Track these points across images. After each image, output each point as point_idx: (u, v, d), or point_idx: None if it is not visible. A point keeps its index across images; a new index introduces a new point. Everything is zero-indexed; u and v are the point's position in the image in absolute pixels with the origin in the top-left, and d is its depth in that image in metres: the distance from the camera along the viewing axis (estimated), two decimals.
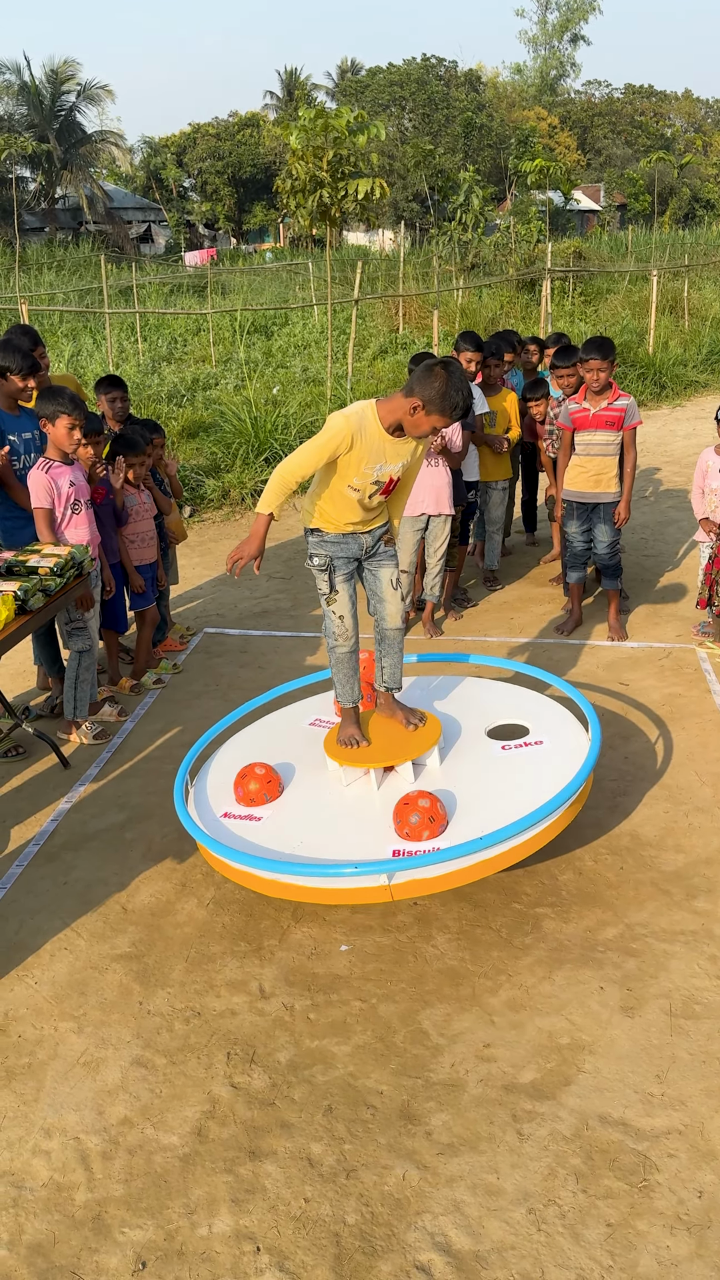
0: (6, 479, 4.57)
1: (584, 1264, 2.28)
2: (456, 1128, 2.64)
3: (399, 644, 3.80)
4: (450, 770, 3.72)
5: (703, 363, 14.90)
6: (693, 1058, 2.83)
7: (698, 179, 52.48)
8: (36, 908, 3.62)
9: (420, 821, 3.28)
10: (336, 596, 3.61)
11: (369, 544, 3.64)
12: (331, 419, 3.34)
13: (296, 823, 3.53)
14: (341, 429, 3.28)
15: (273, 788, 3.68)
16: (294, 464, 3.34)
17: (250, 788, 3.65)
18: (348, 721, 3.79)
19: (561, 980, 3.15)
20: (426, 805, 3.31)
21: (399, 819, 3.33)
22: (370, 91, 49.85)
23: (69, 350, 15.05)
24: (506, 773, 3.64)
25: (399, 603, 3.75)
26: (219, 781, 3.88)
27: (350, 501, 3.45)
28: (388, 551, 3.71)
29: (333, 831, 3.46)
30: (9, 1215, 2.46)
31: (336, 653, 3.71)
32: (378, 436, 3.35)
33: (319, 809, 3.61)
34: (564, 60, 61.15)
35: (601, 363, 5.31)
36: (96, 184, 40.48)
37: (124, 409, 5.53)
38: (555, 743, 3.80)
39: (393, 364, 13.99)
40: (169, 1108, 2.74)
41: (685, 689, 5.14)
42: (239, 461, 9.41)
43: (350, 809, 3.60)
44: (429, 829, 3.28)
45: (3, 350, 4.51)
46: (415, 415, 3.26)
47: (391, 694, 3.86)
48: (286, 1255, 2.33)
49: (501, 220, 28.80)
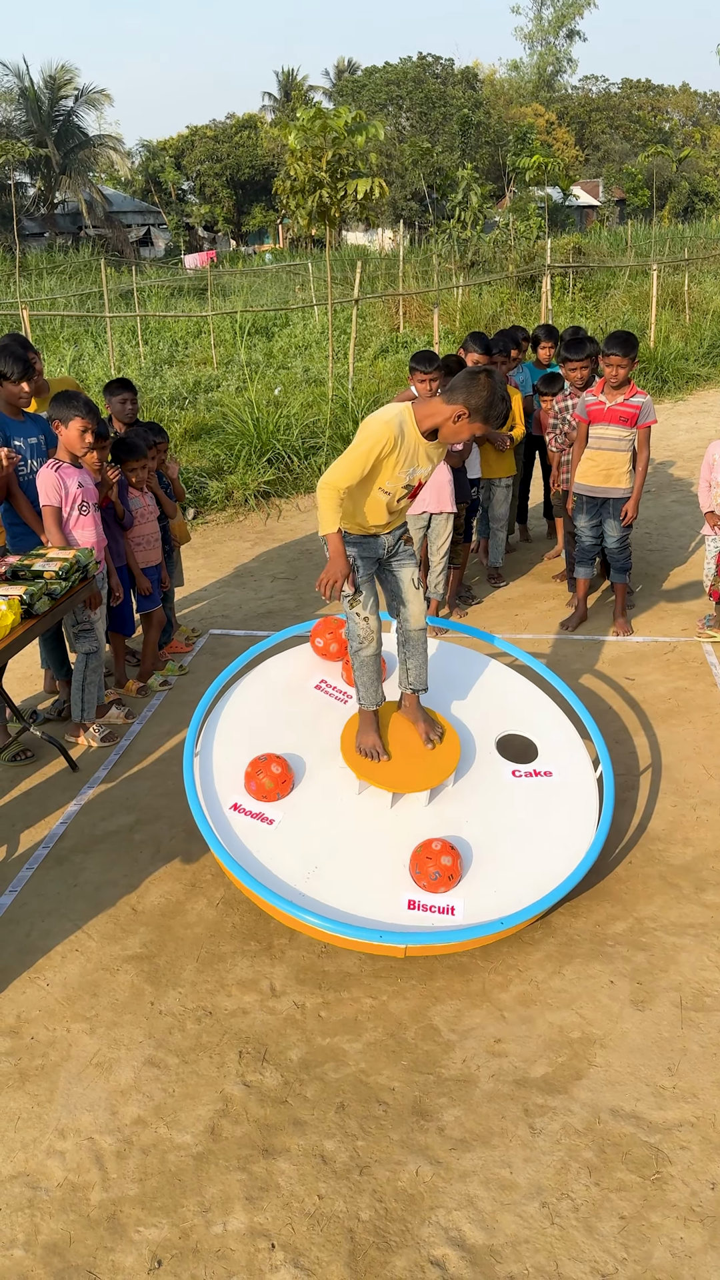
0: (11, 486, 4.58)
1: (598, 1257, 2.28)
2: (469, 1123, 2.65)
3: (423, 644, 3.78)
4: (463, 798, 3.70)
5: (704, 356, 14.88)
6: (704, 1050, 2.83)
7: (696, 173, 52.36)
8: (47, 910, 3.63)
9: (440, 879, 3.29)
10: (360, 598, 3.58)
11: (390, 544, 3.64)
12: (370, 424, 3.32)
13: (308, 836, 3.51)
14: (383, 433, 3.28)
15: (285, 786, 3.66)
16: (338, 474, 3.32)
17: (265, 785, 3.62)
18: (368, 728, 3.73)
19: (571, 975, 3.15)
20: (449, 864, 3.30)
21: (418, 868, 3.32)
22: (367, 91, 49.83)
23: (70, 355, 15.08)
24: (520, 814, 3.64)
25: (421, 603, 3.74)
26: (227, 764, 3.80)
27: (379, 504, 3.46)
28: (408, 551, 3.72)
29: (346, 858, 3.44)
30: (25, 1216, 2.47)
31: (361, 655, 3.66)
32: (414, 440, 3.35)
33: (331, 821, 3.58)
34: (560, 56, 60.99)
35: (623, 359, 5.29)
36: (95, 188, 40.52)
37: (133, 411, 5.55)
38: (564, 776, 3.81)
39: (394, 363, 14.00)
40: (182, 1107, 2.75)
41: (691, 683, 5.13)
42: (242, 463, 9.42)
43: (362, 823, 3.58)
44: (446, 885, 3.30)
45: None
46: (459, 423, 3.25)
47: (416, 699, 3.84)
48: (301, 1252, 2.34)
49: (500, 217, 28.78)
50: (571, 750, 3.94)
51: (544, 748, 3.94)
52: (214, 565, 7.54)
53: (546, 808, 3.66)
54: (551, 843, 3.53)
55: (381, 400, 10.95)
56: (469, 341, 6.03)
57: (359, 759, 3.70)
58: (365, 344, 15.74)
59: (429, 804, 3.65)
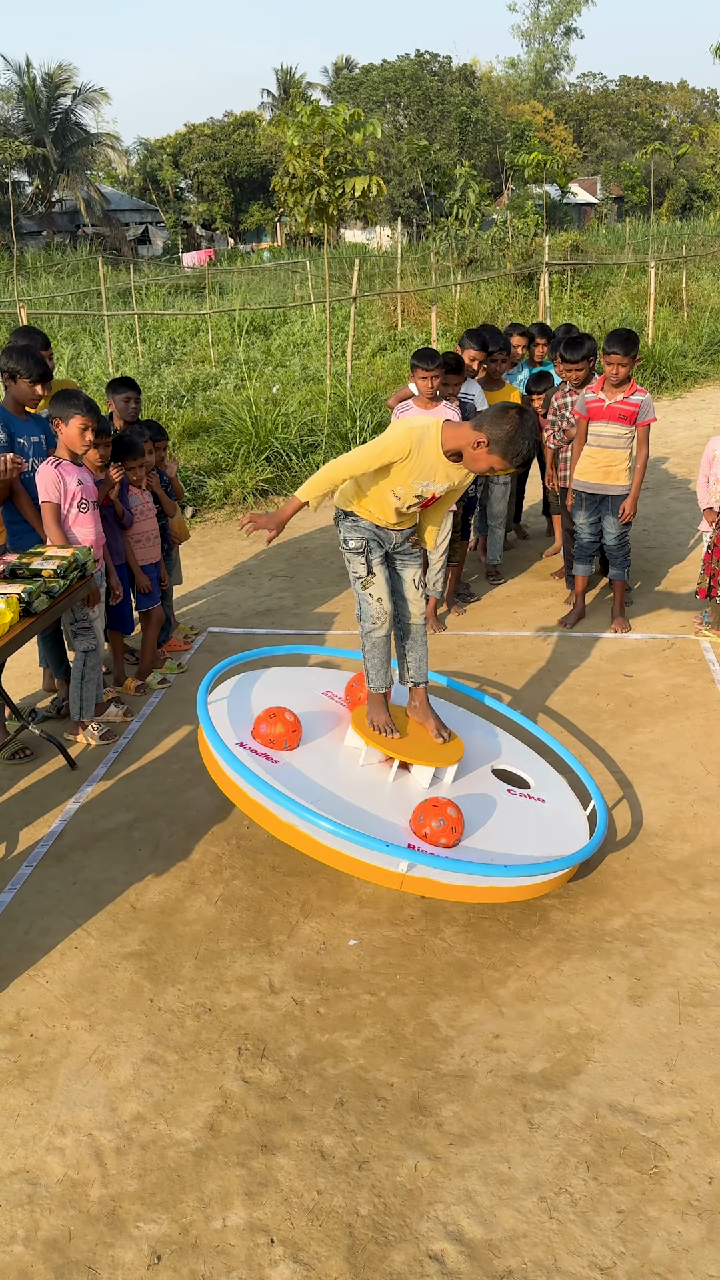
0: (14, 484, 4.58)
1: (596, 1251, 2.29)
2: (467, 1118, 2.66)
3: (423, 637, 3.86)
4: (458, 791, 3.72)
5: (702, 353, 14.88)
6: (701, 1045, 2.84)
7: (694, 170, 52.32)
8: (46, 908, 3.64)
9: (443, 828, 3.29)
10: (374, 580, 3.63)
11: (398, 541, 3.70)
12: (396, 427, 3.39)
13: (312, 779, 3.52)
14: (402, 440, 3.32)
15: (294, 738, 3.67)
16: (347, 463, 3.38)
17: (275, 730, 3.63)
18: (379, 708, 3.78)
19: (569, 970, 3.16)
20: (454, 815, 3.32)
21: (422, 816, 3.33)
22: (365, 89, 49.77)
23: (68, 354, 15.07)
24: (516, 819, 3.65)
25: (421, 601, 3.82)
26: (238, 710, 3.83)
27: (388, 504, 3.52)
28: (414, 552, 3.78)
29: (348, 802, 3.45)
30: (25, 1212, 2.48)
31: (372, 637, 3.70)
32: (434, 455, 3.38)
33: (333, 776, 3.60)
34: (558, 53, 60.97)
35: (624, 357, 5.30)
36: (93, 187, 40.51)
37: (135, 410, 5.55)
38: (557, 804, 3.82)
39: (392, 360, 14.00)
40: (181, 1103, 2.76)
41: (689, 679, 5.14)
42: (240, 461, 9.42)
43: (362, 789, 3.59)
44: (447, 838, 3.30)
45: (16, 355, 4.53)
46: (478, 450, 3.27)
47: (425, 695, 3.87)
48: (300, 1247, 2.35)
49: (498, 215, 28.75)
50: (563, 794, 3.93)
51: (536, 784, 3.97)
52: (212, 563, 7.54)
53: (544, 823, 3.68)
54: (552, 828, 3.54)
55: (380, 398, 10.95)
56: (465, 338, 6.03)
57: (369, 730, 3.74)
58: (363, 342, 15.74)
59: (428, 788, 3.68)
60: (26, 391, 4.57)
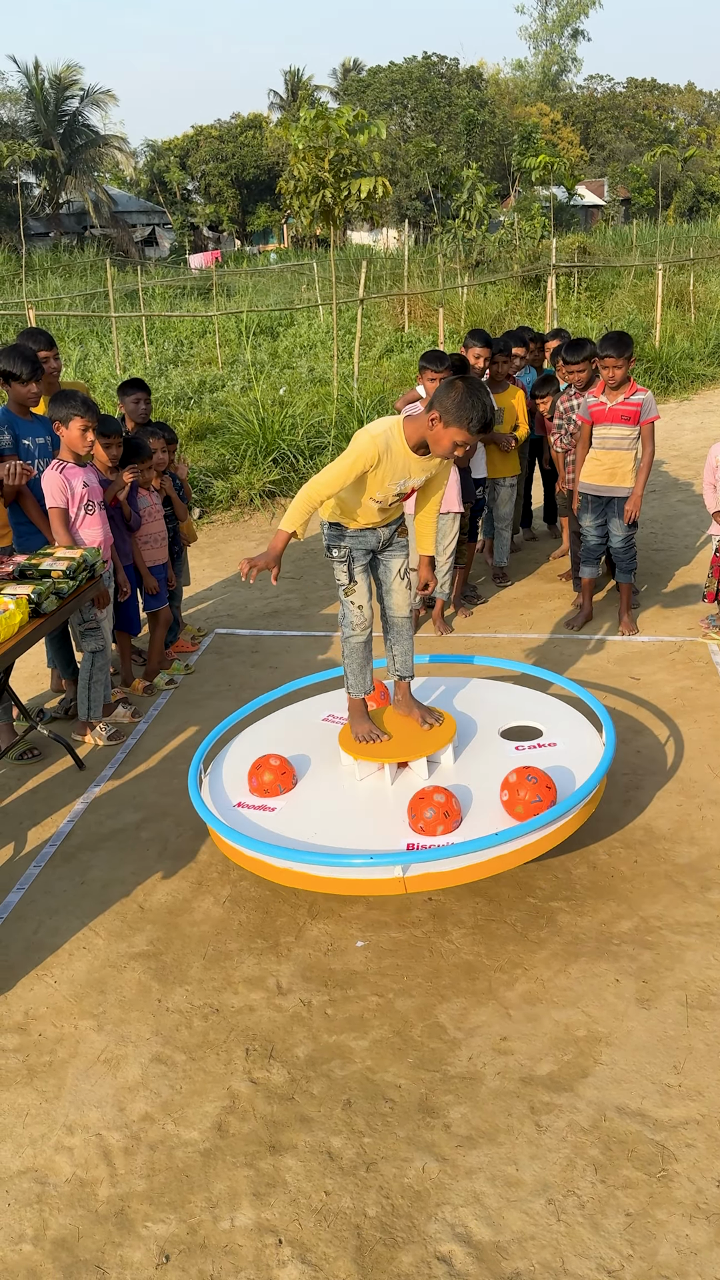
0: (21, 489, 4.60)
1: (604, 1253, 2.29)
2: (475, 1120, 2.66)
3: (408, 631, 3.87)
4: (465, 768, 3.74)
5: (709, 356, 14.87)
6: (709, 1048, 2.84)
7: (702, 172, 52.24)
8: (55, 908, 3.65)
9: (435, 816, 3.30)
10: (355, 587, 3.68)
11: (385, 536, 3.71)
12: (358, 439, 3.35)
13: (310, 814, 3.56)
14: (368, 449, 3.30)
15: (287, 779, 3.71)
16: (320, 484, 3.35)
17: (265, 779, 3.69)
18: (360, 716, 3.82)
19: (577, 973, 3.16)
20: (441, 800, 3.33)
21: (413, 813, 3.35)
22: (372, 90, 49.82)
23: (76, 355, 15.11)
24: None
25: (406, 593, 3.83)
26: (233, 772, 3.92)
27: (371, 509, 3.54)
28: (400, 543, 3.78)
29: (347, 824, 3.49)
30: (33, 1211, 2.48)
31: (352, 642, 3.75)
32: (403, 455, 3.38)
33: (333, 802, 3.64)
34: (565, 55, 60.92)
35: (618, 359, 5.31)
36: (101, 188, 40.58)
37: (146, 411, 5.57)
38: (569, 744, 3.82)
39: (399, 362, 14.00)
40: (189, 1103, 2.76)
41: (697, 682, 5.14)
42: (247, 463, 9.43)
43: (364, 803, 3.62)
44: (444, 824, 3.30)
45: (8, 356, 4.54)
46: (435, 428, 3.25)
47: (408, 688, 3.89)
48: (308, 1248, 2.35)
49: (505, 217, 28.77)
50: (576, 725, 3.96)
51: (549, 730, 3.97)
52: (220, 565, 7.55)
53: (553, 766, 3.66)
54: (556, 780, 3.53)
55: (387, 400, 10.96)
56: (469, 338, 6.04)
57: (355, 744, 3.77)
58: (370, 344, 15.75)
59: (429, 778, 3.69)
60: (24, 392, 4.58)
